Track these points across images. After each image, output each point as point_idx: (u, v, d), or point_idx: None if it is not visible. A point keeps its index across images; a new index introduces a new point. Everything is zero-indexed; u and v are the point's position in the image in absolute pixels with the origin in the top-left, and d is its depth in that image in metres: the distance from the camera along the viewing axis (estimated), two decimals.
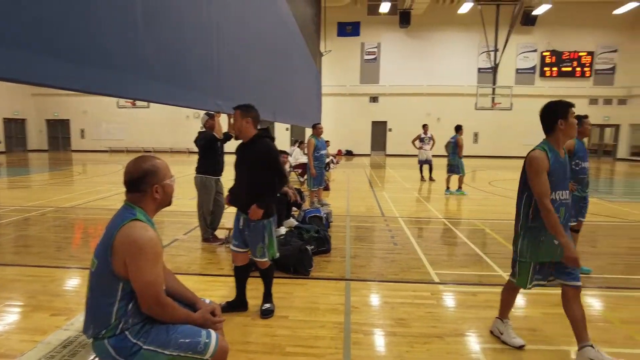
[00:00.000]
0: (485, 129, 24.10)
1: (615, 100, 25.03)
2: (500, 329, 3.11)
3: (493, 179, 13.60)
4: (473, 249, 5.52)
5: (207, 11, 3.12)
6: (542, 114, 2.80)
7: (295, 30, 8.25)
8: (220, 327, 2.01)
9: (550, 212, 2.58)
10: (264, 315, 3.37)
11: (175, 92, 2.62)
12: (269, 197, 3.25)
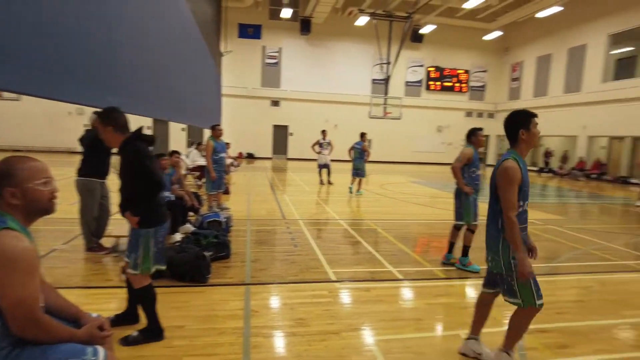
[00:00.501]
0: (378, 136, 25.79)
1: (486, 114, 28.71)
2: (476, 349, 2.96)
3: (385, 182, 14.60)
4: (366, 248, 5.88)
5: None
6: (505, 124, 2.75)
7: (193, 27, 7.94)
8: (108, 342, 1.86)
9: (515, 226, 2.53)
10: (123, 343, 2.92)
11: (54, 83, 2.33)
12: (140, 205, 2.93)
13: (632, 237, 7.63)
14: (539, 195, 14.00)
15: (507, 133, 2.74)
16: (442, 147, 28.14)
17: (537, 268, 5.31)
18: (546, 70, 24.21)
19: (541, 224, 8.23)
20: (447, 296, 4.20)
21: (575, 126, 21.52)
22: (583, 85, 21.45)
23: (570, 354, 3.10)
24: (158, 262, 3.03)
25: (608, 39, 20.26)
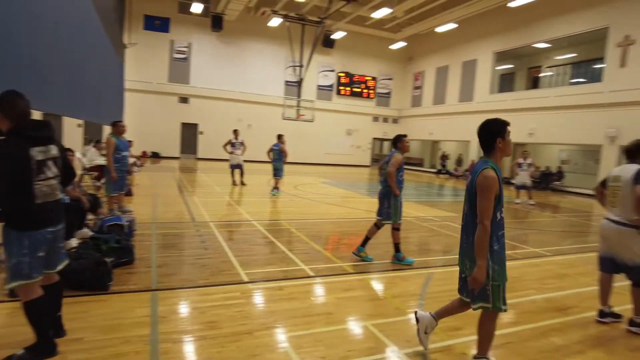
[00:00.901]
0: (291, 138, 26.01)
1: (391, 119, 30.57)
2: None
3: (298, 183, 14.81)
4: (279, 247, 5.93)
5: None
6: (481, 132, 2.77)
7: (92, 14, 7.30)
8: None
9: (487, 233, 2.59)
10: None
11: None
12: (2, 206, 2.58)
13: (511, 230, 8.73)
14: (437, 195, 15.29)
15: (483, 142, 2.77)
16: (352, 149, 29.33)
17: (436, 260, 5.85)
18: (444, 80, 26.52)
19: (439, 220, 9.02)
20: (356, 290, 4.42)
21: (468, 132, 23.83)
22: (475, 95, 23.90)
23: (462, 334, 3.47)
24: (34, 272, 2.64)
25: (494, 56, 22.85)
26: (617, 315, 3.94)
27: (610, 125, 16.17)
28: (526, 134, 20.19)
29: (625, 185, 3.58)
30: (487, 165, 2.65)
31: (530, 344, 3.40)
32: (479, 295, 2.75)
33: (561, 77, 22.05)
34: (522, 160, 13.04)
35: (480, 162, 2.76)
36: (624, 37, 16.22)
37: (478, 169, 2.69)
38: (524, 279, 5.19)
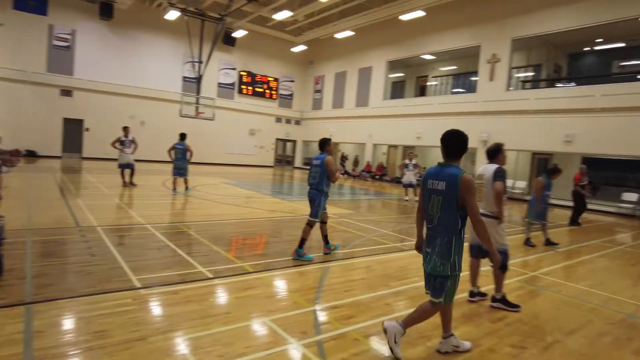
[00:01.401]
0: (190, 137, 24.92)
1: (293, 121, 31.07)
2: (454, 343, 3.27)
3: (198, 184, 14.31)
4: (176, 251, 5.71)
5: None
6: (456, 141, 3.06)
7: None
8: None
9: (485, 226, 3.02)
10: None
11: None
12: None
13: (399, 224, 9.52)
14: (336, 194, 15.96)
15: (455, 150, 3.07)
16: (255, 149, 29.17)
17: (334, 255, 6.13)
18: (342, 85, 27.75)
19: (337, 217, 9.46)
20: (256, 288, 4.46)
21: (364, 135, 25.32)
22: (370, 100, 25.42)
23: (355, 322, 3.73)
24: None
25: (387, 65, 24.57)
26: (484, 294, 4.58)
27: (483, 131, 18.47)
28: (414, 138, 22.07)
29: (487, 183, 4.19)
30: (462, 171, 2.95)
31: (413, 326, 3.78)
32: (437, 289, 3.09)
33: (444, 87, 24.58)
34: (408, 161, 14.26)
35: (449, 167, 3.05)
36: (492, 55, 18.67)
37: (450, 173, 2.97)
38: (410, 268, 5.73)
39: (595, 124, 15.33)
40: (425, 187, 3.17)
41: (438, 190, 3.03)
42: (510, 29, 18.14)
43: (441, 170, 3.07)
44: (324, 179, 5.72)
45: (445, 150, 3.11)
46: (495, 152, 4.37)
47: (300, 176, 23.75)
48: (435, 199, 3.04)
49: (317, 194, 5.74)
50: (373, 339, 3.42)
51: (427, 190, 3.14)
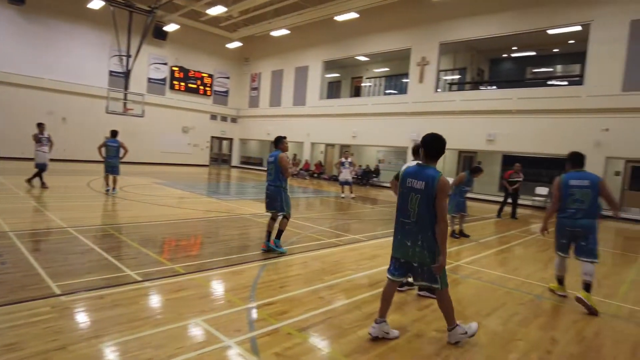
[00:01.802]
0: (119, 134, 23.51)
1: (229, 118, 30.43)
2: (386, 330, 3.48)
3: (126, 184, 13.56)
4: (101, 254, 5.39)
5: None
6: (436, 143, 3.31)
7: None
8: None
9: (447, 226, 3.30)
10: None
11: None
12: None
13: (335, 220, 9.74)
14: None
15: (434, 152, 3.34)
16: (189, 148, 28.17)
17: (267, 254, 6.13)
18: (279, 83, 27.69)
19: None
20: (187, 289, 4.35)
21: (302, 134, 25.47)
22: (307, 100, 25.62)
23: (289, 317, 3.78)
24: None
25: (323, 64, 24.91)
26: (411, 283, 4.83)
27: (413, 130, 19.37)
28: (350, 137, 22.63)
29: None
30: (440, 173, 3.24)
31: (346, 316, 3.92)
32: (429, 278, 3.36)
33: (378, 88, 25.42)
34: (344, 160, 14.61)
35: (428, 168, 3.31)
36: (421, 57, 19.65)
37: (430, 174, 3.25)
38: (343, 262, 5.90)
39: (513, 124, 16.72)
40: (404, 185, 3.40)
41: (417, 189, 3.30)
42: (439, 34, 19.21)
43: (421, 170, 3.34)
44: (278, 175, 6.06)
45: (425, 153, 3.37)
46: (419, 150, 4.62)
47: (237, 175, 23.37)
48: (414, 197, 3.31)
49: (276, 190, 6.10)
50: (306, 333, 3.49)
51: (406, 188, 3.37)
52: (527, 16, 16.63)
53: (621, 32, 14.37)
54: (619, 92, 14.40)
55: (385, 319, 3.50)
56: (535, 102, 16.25)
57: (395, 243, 3.47)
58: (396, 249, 3.47)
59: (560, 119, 15.60)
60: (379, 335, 3.44)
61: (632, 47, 14.18)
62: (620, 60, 14.41)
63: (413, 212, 3.30)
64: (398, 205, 3.47)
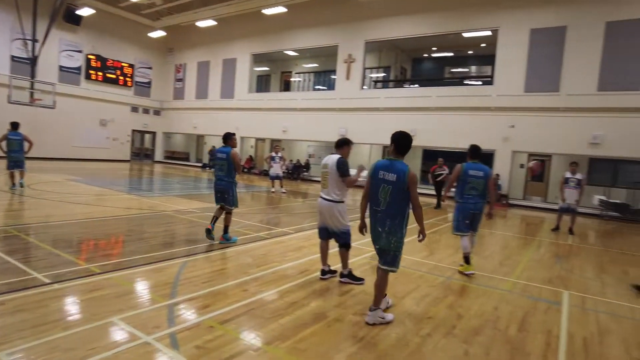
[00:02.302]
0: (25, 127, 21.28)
1: (152, 111, 28.89)
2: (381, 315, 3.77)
3: (35, 182, 12.40)
4: (3, 258, 4.94)
5: None
6: (406, 141, 3.76)
7: None
8: None
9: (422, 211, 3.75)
10: None
11: None
12: None
13: (265, 215, 9.77)
14: (201, 188, 15.51)
15: (404, 147, 3.78)
16: (108, 142, 26.30)
17: (194, 249, 6.01)
18: (206, 75, 26.83)
19: (199, 212, 9.24)
20: (104, 289, 4.15)
21: (231, 127, 24.90)
22: (235, 93, 25.13)
23: (211, 310, 3.78)
24: None
25: (251, 57, 24.58)
26: (334, 271, 5.04)
27: (341, 126, 19.88)
28: (281, 131, 22.65)
29: (331, 171, 4.62)
30: (408, 166, 3.67)
31: (269, 306, 4.01)
32: (391, 262, 3.78)
33: (307, 83, 25.67)
34: (274, 154, 14.63)
35: (398, 161, 3.72)
36: (348, 55, 20.18)
37: (400, 168, 3.65)
38: (270, 254, 5.97)
39: (432, 120, 17.82)
40: (375, 177, 3.76)
41: (388, 180, 3.67)
42: (364, 32, 19.84)
43: (391, 164, 3.73)
44: (231, 171, 6.34)
45: (395, 148, 3.80)
46: (342, 144, 4.82)
47: (161, 171, 22.35)
48: (386, 188, 3.68)
49: (228, 185, 6.35)
50: (229, 325, 3.51)
51: (377, 179, 3.74)
52: (445, 19, 17.77)
53: (523, 38, 15.91)
54: (522, 93, 15.97)
55: (380, 306, 3.81)
56: (453, 100, 17.47)
57: (370, 229, 3.88)
58: (371, 234, 3.87)
59: (474, 115, 16.94)
60: (376, 322, 3.73)
61: (532, 53, 15.77)
62: (522, 64, 15.97)
63: (383, 200, 3.68)
64: (370, 194, 3.83)
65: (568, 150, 15.21)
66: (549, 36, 15.41)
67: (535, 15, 15.74)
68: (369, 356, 3.15)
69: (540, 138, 15.59)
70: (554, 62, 15.33)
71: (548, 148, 15.76)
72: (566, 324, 4.18)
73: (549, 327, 4.03)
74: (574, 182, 9.88)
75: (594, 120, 14.61)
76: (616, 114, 14.25)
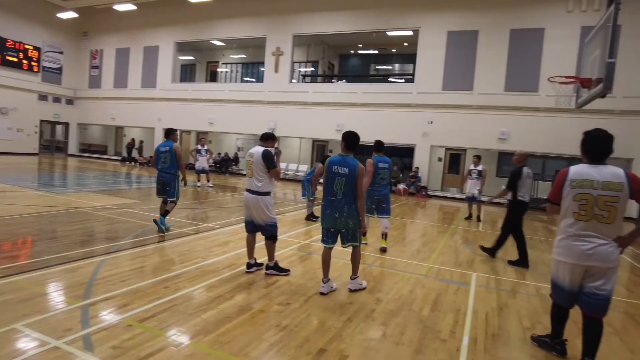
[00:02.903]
0: None
1: (64, 100, 26.48)
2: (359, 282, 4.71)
3: None
4: None
5: None
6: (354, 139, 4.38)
7: None
8: None
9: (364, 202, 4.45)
10: None
11: None
12: None
13: (191, 210, 9.49)
14: (119, 184, 14.61)
15: (353, 144, 4.37)
16: (10, 133, 23.65)
17: (111, 247, 5.70)
18: (125, 63, 25.15)
19: (118, 208, 8.73)
20: (4, 294, 3.79)
21: (153, 119, 23.72)
22: (158, 82, 23.87)
23: (129, 309, 3.63)
24: None
25: (175, 46, 23.48)
26: (260, 264, 5.08)
27: (270, 119, 19.81)
28: (207, 123, 22.00)
29: (256, 162, 4.64)
30: (357, 161, 4.24)
31: (191, 302, 3.95)
32: (351, 238, 4.38)
33: (234, 74, 25.15)
34: (200, 147, 14.21)
35: (349, 157, 4.30)
36: (276, 47, 20.10)
37: (351, 163, 4.23)
38: (194, 250, 5.84)
39: (358, 116, 18.39)
40: (330, 171, 4.29)
41: (342, 174, 4.23)
42: (292, 26, 19.87)
43: (343, 159, 4.29)
44: (174, 164, 6.86)
45: (346, 144, 4.37)
46: (268, 138, 4.85)
47: (76, 165, 20.64)
48: (340, 180, 4.24)
49: (171, 178, 6.85)
50: (149, 322, 3.41)
51: (332, 173, 4.28)
52: (371, 17, 18.38)
53: (441, 40, 16.99)
54: (440, 91, 17.07)
55: (329, 278, 4.50)
56: (377, 97, 18.17)
57: (324, 217, 4.38)
58: (326, 221, 4.38)
59: (396, 112, 17.77)
60: (328, 291, 4.46)
61: (449, 53, 16.91)
62: (440, 64, 17.06)
63: (339, 191, 4.24)
64: (325, 186, 4.33)
65: (480, 144, 16.58)
66: (463, 39, 16.61)
67: (451, 19, 16.87)
68: (291, 343, 3.25)
69: (456, 133, 16.81)
70: (468, 63, 16.58)
71: (462, 143, 17.05)
72: (472, 302, 4.62)
73: (458, 306, 4.44)
74: (475, 173, 10.85)
75: (502, 117, 16.07)
76: (519, 113, 15.80)
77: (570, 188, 3.02)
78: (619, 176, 2.92)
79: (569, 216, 3.05)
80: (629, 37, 13.61)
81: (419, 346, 3.39)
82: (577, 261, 3.00)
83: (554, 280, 3.23)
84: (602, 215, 2.92)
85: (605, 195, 2.91)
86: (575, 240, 3.01)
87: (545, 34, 15.37)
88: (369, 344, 3.35)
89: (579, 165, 3.08)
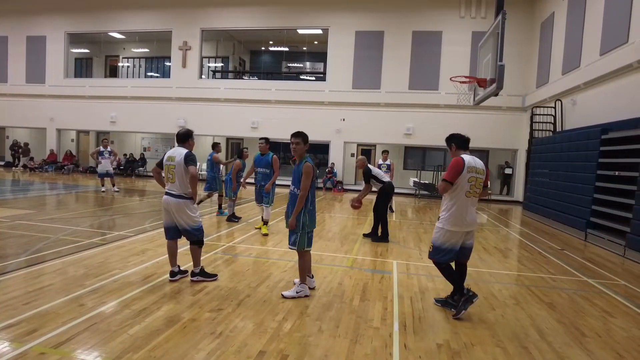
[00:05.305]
0: None
1: None
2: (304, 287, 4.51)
3: None
4: None
5: None
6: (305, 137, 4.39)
7: None
8: None
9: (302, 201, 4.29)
10: None
11: None
12: None
13: (97, 218, 8.69)
14: (7, 192, 12.87)
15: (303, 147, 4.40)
16: None
17: (6, 266, 5.02)
18: (4, 54, 22.06)
19: (9, 221, 7.69)
20: None
21: (43, 118, 21.21)
22: (47, 77, 21.35)
23: (40, 335, 3.22)
24: None
25: (67, 37, 21.17)
26: (184, 271, 4.85)
27: (180, 117, 18.88)
28: (108, 122, 20.29)
29: (178, 165, 4.42)
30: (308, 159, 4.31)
31: (114, 317, 3.64)
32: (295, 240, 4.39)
33: (137, 69, 23.46)
34: (102, 149, 13.05)
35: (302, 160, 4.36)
36: (183, 42, 19.17)
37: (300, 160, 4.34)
38: (108, 262, 5.37)
39: (272, 113, 18.35)
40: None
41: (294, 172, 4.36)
42: (200, 20, 19.10)
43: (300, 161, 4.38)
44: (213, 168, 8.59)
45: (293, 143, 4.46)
46: (186, 137, 4.63)
47: None
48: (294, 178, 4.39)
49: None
50: (66, 346, 3.08)
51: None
52: (281, 14, 18.38)
53: (349, 39, 17.62)
54: (350, 89, 17.71)
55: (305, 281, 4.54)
56: (291, 94, 18.29)
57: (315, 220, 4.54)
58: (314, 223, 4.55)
59: (310, 109, 18.08)
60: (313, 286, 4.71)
61: (357, 53, 17.61)
62: (350, 63, 17.69)
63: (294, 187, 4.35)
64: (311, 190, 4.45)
65: (388, 140, 17.57)
66: (370, 39, 17.42)
67: (359, 19, 17.58)
68: (229, 349, 3.16)
69: (367, 130, 17.63)
70: (375, 62, 17.43)
71: (373, 139, 17.93)
72: (397, 288, 4.92)
73: (385, 294, 4.69)
74: (384, 167, 11.51)
75: (407, 114, 17.20)
76: (422, 109, 17.05)
77: (466, 172, 3.92)
78: (482, 164, 4.09)
79: (460, 193, 3.95)
80: (507, 44, 15.42)
81: (354, 336, 3.53)
82: (466, 228, 4.03)
83: (442, 246, 4.09)
84: (477, 192, 4.02)
85: (480, 177, 4.00)
86: (464, 212, 3.97)
87: (442, 36, 16.76)
88: (307, 341, 3.40)
89: (465, 155, 4.03)
